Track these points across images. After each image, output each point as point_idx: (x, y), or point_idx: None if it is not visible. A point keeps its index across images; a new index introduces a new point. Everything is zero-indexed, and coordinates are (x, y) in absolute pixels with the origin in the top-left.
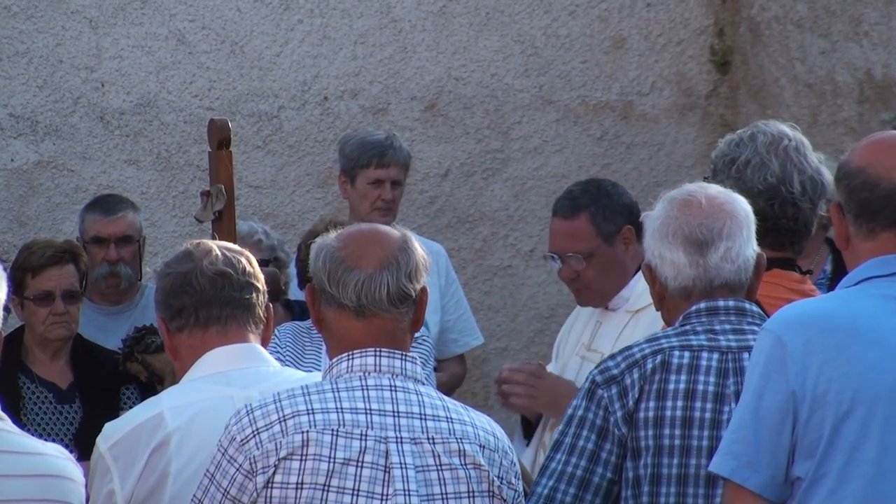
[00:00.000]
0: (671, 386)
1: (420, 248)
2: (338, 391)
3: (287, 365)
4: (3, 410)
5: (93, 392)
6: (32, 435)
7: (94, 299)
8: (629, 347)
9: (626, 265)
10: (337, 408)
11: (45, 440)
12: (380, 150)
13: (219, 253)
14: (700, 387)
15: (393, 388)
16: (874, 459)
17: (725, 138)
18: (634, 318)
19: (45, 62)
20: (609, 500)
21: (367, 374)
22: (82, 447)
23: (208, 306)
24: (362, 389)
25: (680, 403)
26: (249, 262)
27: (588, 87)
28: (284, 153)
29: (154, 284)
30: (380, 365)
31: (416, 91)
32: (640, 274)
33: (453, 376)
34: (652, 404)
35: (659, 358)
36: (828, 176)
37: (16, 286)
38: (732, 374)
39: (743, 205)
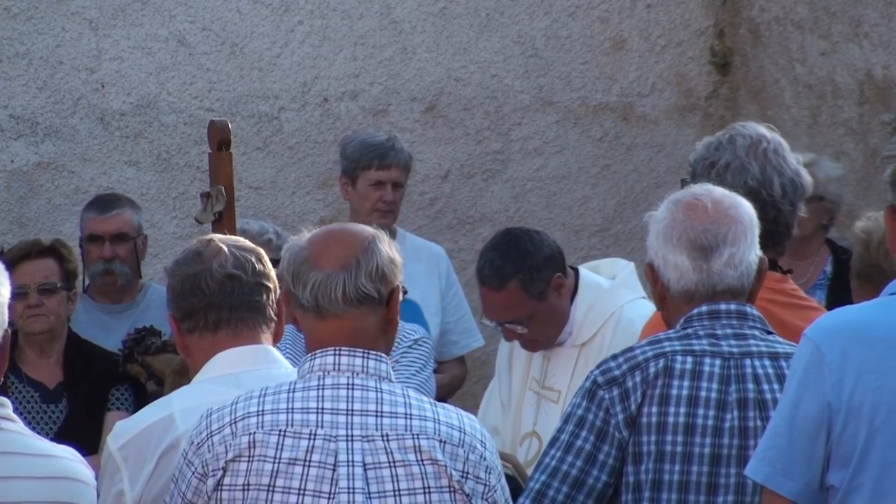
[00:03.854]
0: (674, 391)
1: (391, 249)
2: (293, 392)
3: None
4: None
5: (80, 391)
6: None
7: (96, 297)
8: (631, 349)
9: (564, 307)
10: (288, 408)
11: None
12: (381, 152)
13: (228, 254)
14: (703, 393)
15: (350, 387)
16: None
17: (703, 141)
18: (583, 353)
19: (45, 63)
20: (602, 502)
21: (325, 373)
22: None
23: (217, 310)
24: (318, 389)
25: (682, 410)
26: (260, 259)
27: (588, 88)
28: (284, 154)
29: (158, 284)
30: (338, 364)
31: (416, 92)
32: (576, 304)
33: (454, 378)
34: (654, 409)
35: (662, 362)
36: (807, 177)
37: None
38: (734, 380)
39: (748, 209)
